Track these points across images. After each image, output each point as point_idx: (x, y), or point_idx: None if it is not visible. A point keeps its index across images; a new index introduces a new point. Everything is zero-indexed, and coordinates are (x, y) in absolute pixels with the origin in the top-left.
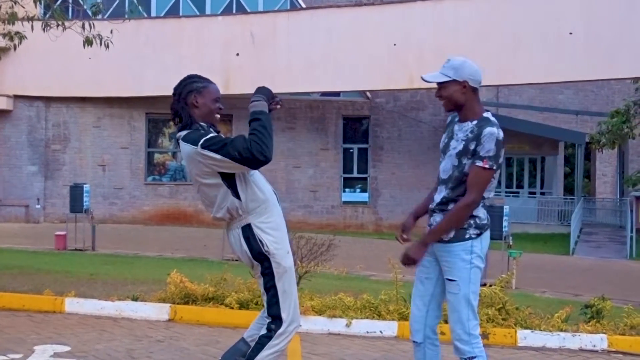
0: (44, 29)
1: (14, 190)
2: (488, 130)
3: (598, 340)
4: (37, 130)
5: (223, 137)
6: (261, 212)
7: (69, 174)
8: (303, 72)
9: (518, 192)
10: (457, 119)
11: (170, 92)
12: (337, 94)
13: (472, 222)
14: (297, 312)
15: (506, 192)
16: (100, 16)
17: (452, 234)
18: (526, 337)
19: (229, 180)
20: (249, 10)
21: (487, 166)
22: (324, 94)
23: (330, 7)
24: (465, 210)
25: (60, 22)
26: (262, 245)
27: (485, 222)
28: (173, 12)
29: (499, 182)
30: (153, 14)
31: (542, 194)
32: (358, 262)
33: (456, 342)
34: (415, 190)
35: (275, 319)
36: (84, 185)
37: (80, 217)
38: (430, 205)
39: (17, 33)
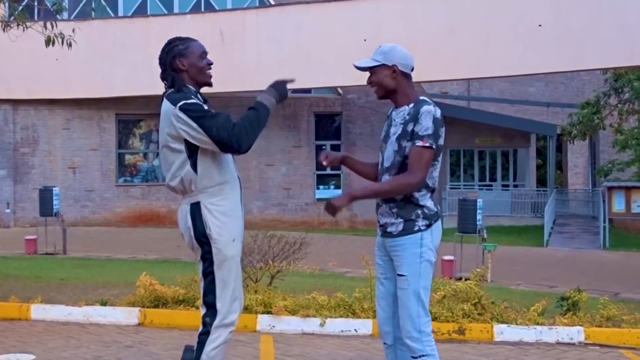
0: (4, 29)
1: None
2: (425, 108)
3: (575, 333)
4: (4, 133)
5: (207, 108)
6: (214, 193)
7: (39, 177)
8: (273, 69)
9: (491, 185)
10: (391, 111)
11: (139, 92)
12: (308, 90)
13: (419, 212)
14: (236, 306)
15: (479, 185)
16: (66, 16)
17: (400, 227)
18: (503, 332)
19: (192, 150)
20: (217, 9)
21: (427, 144)
22: (295, 90)
23: (299, 4)
24: (403, 186)
25: (21, 22)
26: (206, 227)
27: (434, 212)
28: (141, 12)
29: (472, 176)
30: (120, 13)
31: (515, 186)
32: (333, 259)
33: (407, 339)
34: None
35: (209, 307)
36: (54, 189)
37: (51, 221)
38: (377, 200)
39: None
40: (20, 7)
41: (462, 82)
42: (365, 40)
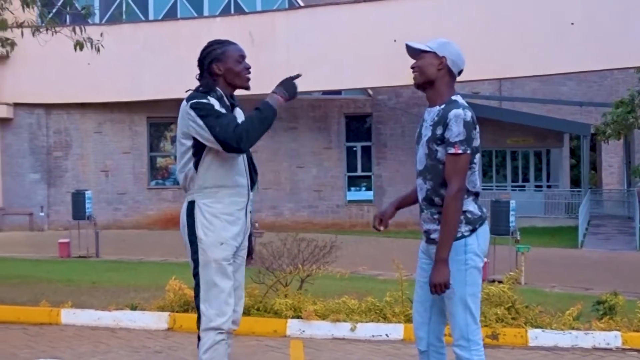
0: (33, 34)
1: (17, 198)
2: (453, 112)
3: (612, 338)
4: (38, 137)
5: (218, 108)
6: (209, 194)
7: (72, 180)
8: (303, 71)
9: (524, 186)
10: (424, 112)
11: (170, 95)
12: (338, 92)
13: (461, 217)
14: (225, 311)
15: (512, 186)
16: (97, 21)
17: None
18: (537, 337)
19: (198, 148)
20: (247, 11)
21: (459, 151)
22: (325, 92)
23: (329, 5)
24: (454, 205)
25: (51, 28)
26: (195, 226)
27: (478, 215)
28: (170, 15)
29: (504, 177)
30: (150, 17)
31: (549, 187)
32: (364, 261)
33: (455, 348)
34: None
35: (198, 309)
36: (86, 192)
37: (84, 224)
38: (419, 200)
39: (7, 39)
40: (51, 14)
41: (494, 82)
42: (395, 40)
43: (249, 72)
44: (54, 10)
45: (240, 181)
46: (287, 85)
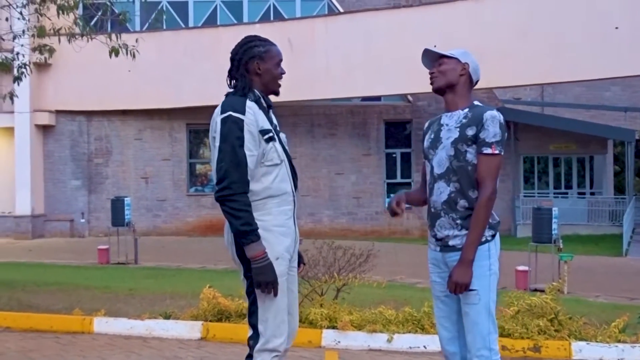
0: (69, 41)
1: (58, 205)
2: (489, 113)
3: None
4: (79, 144)
5: (243, 135)
6: (258, 207)
7: (112, 187)
8: (342, 77)
9: (567, 193)
10: (439, 119)
11: (209, 102)
12: (377, 98)
13: (489, 219)
14: (282, 330)
15: (554, 193)
16: (138, 28)
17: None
18: (581, 350)
19: None
20: (286, 17)
21: (496, 152)
22: (364, 98)
23: (368, 11)
24: (489, 207)
25: (86, 33)
26: None
27: (497, 220)
28: (210, 22)
29: (546, 184)
30: (190, 24)
31: (592, 194)
32: (404, 269)
33: (475, 358)
34: None
35: (253, 329)
36: (125, 199)
37: (123, 231)
38: (433, 207)
39: (44, 46)
40: (93, 21)
41: (535, 88)
42: (435, 46)
43: (282, 78)
44: (92, 17)
45: (285, 188)
46: (263, 271)
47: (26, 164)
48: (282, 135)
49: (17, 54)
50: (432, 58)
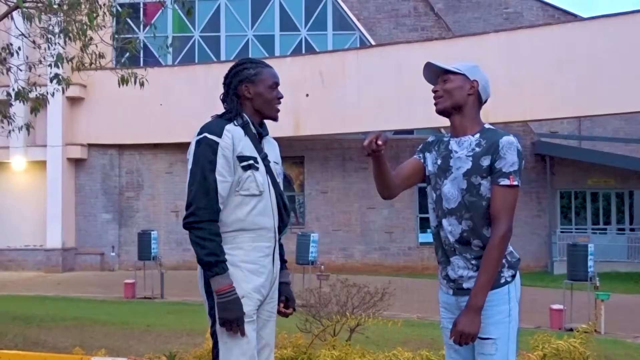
0: (78, 68)
1: (89, 238)
2: (506, 139)
3: None
4: (110, 177)
5: (217, 159)
6: (227, 240)
7: (143, 220)
8: (374, 111)
9: (605, 229)
10: (445, 138)
11: None
12: (410, 131)
13: (503, 261)
14: None
15: (592, 229)
16: (170, 62)
17: None
18: None
19: None
20: (317, 50)
21: (514, 183)
22: (396, 132)
23: (399, 44)
24: (502, 246)
25: (93, 62)
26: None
27: (517, 258)
28: (242, 56)
29: (584, 219)
30: (222, 57)
31: (632, 230)
32: (435, 306)
33: None
34: None
35: None
36: (152, 232)
37: (152, 265)
38: (444, 244)
39: (56, 75)
40: (127, 55)
41: (573, 121)
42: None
43: (280, 102)
44: (128, 54)
45: (263, 223)
46: (228, 307)
47: (58, 197)
48: (276, 167)
49: (34, 84)
50: (435, 73)
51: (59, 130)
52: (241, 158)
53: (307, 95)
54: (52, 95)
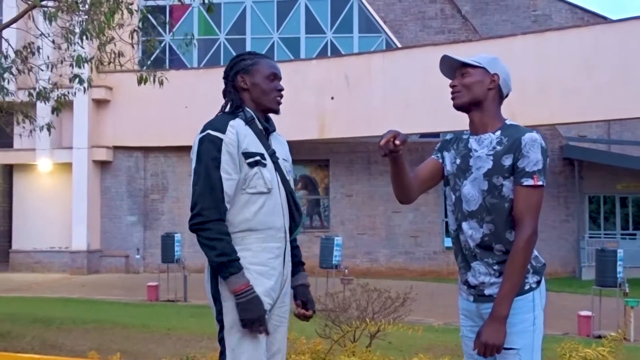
0: (97, 68)
1: (114, 240)
2: (529, 136)
3: None
4: (136, 180)
5: (221, 156)
6: (235, 241)
7: (168, 223)
8: (400, 114)
9: (635, 234)
10: (464, 135)
11: None
12: (436, 134)
13: (528, 266)
14: None
15: (622, 234)
16: (195, 65)
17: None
18: None
19: None
20: (343, 53)
21: (539, 183)
22: (422, 135)
23: (426, 46)
24: (527, 251)
25: (112, 61)
26: (219, 282)
27: (542, 263)
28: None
29: (613, 224)
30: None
31: None
32: None
33: None
34: None
35: None
36: (175, 235)
37: (176, 267)
38: (464, 248)
39: (75, 76)
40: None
41: (602, 124)
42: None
43: (281, 94)
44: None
45: (273, 222)
46: (248, 307)
47: (83, 200)
48: (285, 164)
49: (55, 84)
50: (453, 67)
51: (85, 132)
52: (247, 154)
53: (333, 98)
54: (74, 95)
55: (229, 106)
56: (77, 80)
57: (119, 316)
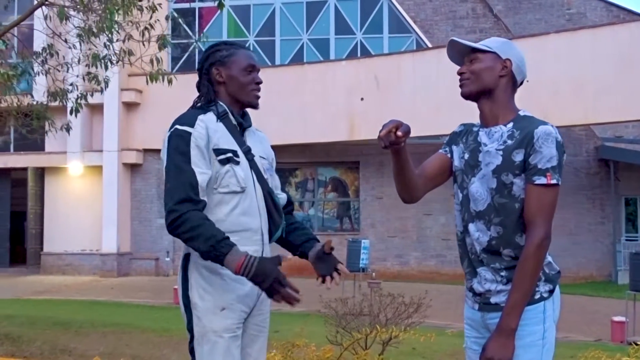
0: (106, 66)
1: (144, 243)
2: (542, 129)
3: None
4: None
5: (193, 151)
6: None
7: None
8: (430, 115)
9: None
10: (474, 127)
11: (293, 141)
12: None
13: (540, 273)
14: None
15: None
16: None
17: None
18: None
19: None
20: (373, 53)
21: (552, 182)
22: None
23: None
24: (539, 257)
25: (121, 59)
26: (189, 287)
27: (557, 270)
28: (297, 60)
29: None
30: (277, 62)
31: None
32: None
33: None
34: (559, 237)
35: None
36: None
37: None
38: (470, 252)
39: (93, 77)
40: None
41: (638, 124)
42: (527, 81)
43: (258, 88)
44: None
45: (248, 223)
46: (259, 274)
47: (113, 202)
48: (263, 162)
49: (72, 84)
50: (462, 52)
51: (115, 135)
52: (218, 151)
53: (362, 99)
54: (92, 95)
55: (200, 100)
56: (95, 80)
57: (141, 319)
